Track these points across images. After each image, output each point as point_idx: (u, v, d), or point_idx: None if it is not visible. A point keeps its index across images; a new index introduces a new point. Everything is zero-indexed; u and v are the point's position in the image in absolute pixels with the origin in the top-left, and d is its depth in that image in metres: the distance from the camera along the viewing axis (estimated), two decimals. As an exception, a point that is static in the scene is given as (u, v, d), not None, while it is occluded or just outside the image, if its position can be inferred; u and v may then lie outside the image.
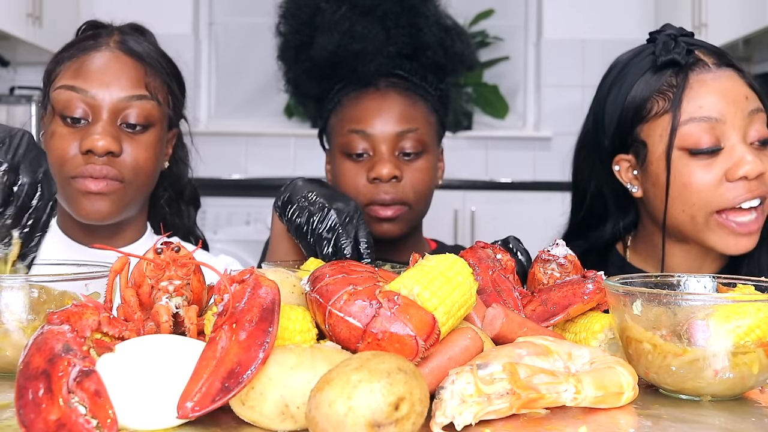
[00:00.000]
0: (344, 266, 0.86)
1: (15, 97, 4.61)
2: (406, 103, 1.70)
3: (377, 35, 1.70)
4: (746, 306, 0.85)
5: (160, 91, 1.51)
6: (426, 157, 1.71)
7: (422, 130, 1.69)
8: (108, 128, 1.42)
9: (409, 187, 1.67)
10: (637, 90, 1.38)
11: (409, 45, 1.73)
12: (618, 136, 1.42)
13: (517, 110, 5.16)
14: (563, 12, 4.96)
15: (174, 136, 1.61)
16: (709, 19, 4.18)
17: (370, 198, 1.66)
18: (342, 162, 1.71)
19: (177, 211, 1.69)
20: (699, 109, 1.33)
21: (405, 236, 1.73)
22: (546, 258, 1.10)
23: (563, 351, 0.84)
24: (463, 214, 4.36)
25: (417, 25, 1.73)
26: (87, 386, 0.70)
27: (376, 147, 1.67)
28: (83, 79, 1.44)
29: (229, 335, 0.74)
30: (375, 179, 1.65)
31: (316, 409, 0.67)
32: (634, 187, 1.44)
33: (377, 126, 1.67)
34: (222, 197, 4.23)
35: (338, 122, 1.73)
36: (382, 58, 1.71)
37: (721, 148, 1.32)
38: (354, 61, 1.71)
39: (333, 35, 1.69)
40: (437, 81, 1.78)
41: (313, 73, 1.77)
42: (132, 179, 1.45)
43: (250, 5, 5.27)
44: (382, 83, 1.72)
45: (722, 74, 1.36)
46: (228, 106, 5.32)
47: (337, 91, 1.75)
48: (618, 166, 1.45)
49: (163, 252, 0.85)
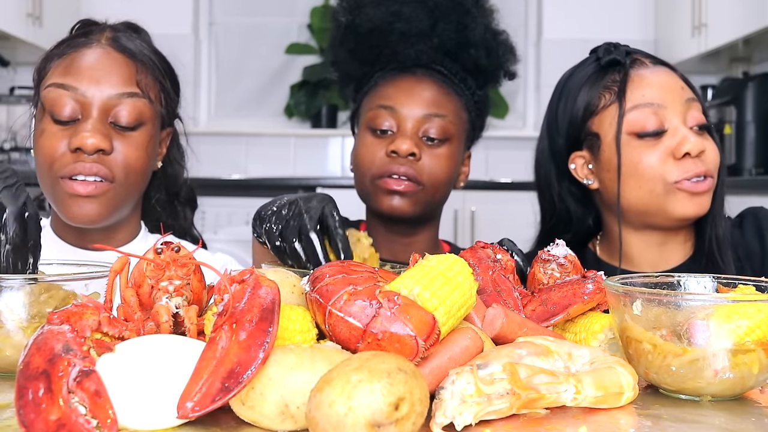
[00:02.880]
0: (344, 266, 0.86)
1: (15, 97, 4.62)
2: (440, 91, 1.69)
3: (423, 21, 1.71)
4: (746, 306, 0.85)
5: (152, 89, 1.48)
6: (449, 146, 1.68)
7: (450, 119, 1.68)
8: (98, 126, 1.39)
9: (425, 169, 1.65)
10: (585, 91, 1.50)
11: (454, 40, 1.72)
12: (571, 134, 1.52)
13: (517, 110, 5.17)
14: (563, 12, 4.96)
15: (168, 136, 1.58)
16: (709, 19, 4.18)
17: (384, 170, 1.64)
18: (365, 136, 1.70)
19: (172, 212, 1.66)
20: (642, 97, 1.44)
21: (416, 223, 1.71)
22: (546, 258, 1.10)
23: (563, 351, 0.84)
24: (463, 214, 4.36)
25: (464, 23, 1.73)
26: (87, 386, 0.70)
27: (401, 124, 1.66)
28: (73, 77, 1.42)
29: (229, 335, 0.74)
30: (393, 152, 1.63)
31: (316, 409, 0.67)
32: (591, 180, 1.52)
33: (405, 104, 1.67)
34: (222, 197, 4.23)
35: (369, 99, 1.73)
36: (425, 46, 1.71)
37: (665, 131, 1.43)
38: (396, 42, 1.71)
39: (380, 9, 1.71)
40: (477, 86, 1.78)
41: (356, 53, 1.77)
42: (122, 178, 1.42)
43: (250, 5, 5.27)
44: (419, 71, 1.71)
45: (658, 69, 1.49)
46: (228, 106, 5.32)
47: (376, 75, 1.75)
48: (574, 164, 1.54)
49: (163, 252, 0.85)
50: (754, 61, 4.60)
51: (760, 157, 4.16)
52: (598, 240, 1.61)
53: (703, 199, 1.43)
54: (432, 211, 1.74)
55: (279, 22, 5.25)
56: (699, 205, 1.43)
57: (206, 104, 5.28)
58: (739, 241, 1.53)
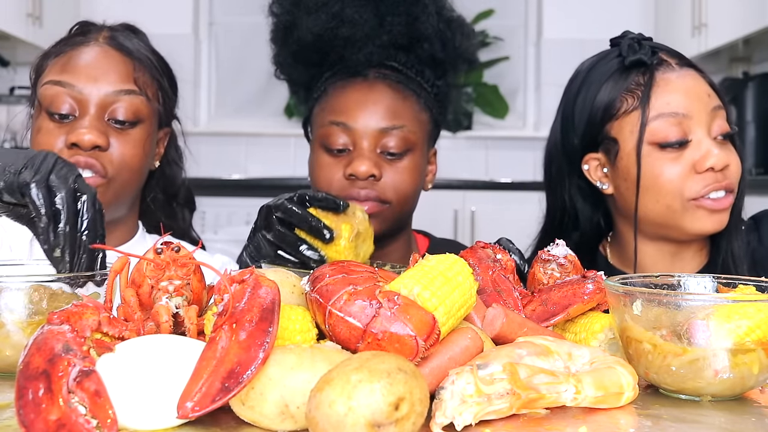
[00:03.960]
0: (344, 266, 0.86)
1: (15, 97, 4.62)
2: (395, 97, 1.58)
3: (369, 21, 1.58)
4: (746, 306, 0.85)
5: (150, 87, 1.48)
6: (411, 157, 1.58)
7: (409, 128, 1.57)
8: (95, 123, 1.40)
9: (389, 187, 1.55)
10: (606, 90, 1.43)
11: (405, 35, 1.61)
12: (588, 135, 1.46)
13: (517, 110, 5.16)
14: (563, 12, 4.96)
15: (165, 136, 1.58)
16: (709, 19, 4.18)
17: (344, 194, 1.53)
18: (320, 155, 1.59)
19: (170, 213, 1.66)
20: (667, 105, 1.38)
21: (388, 236, 1.63)
22: (546, 258, 1.10)
23: (563, 351, 0.84)
24: (463, 214, 4.36)
25: (414, 15, 1.60)
26: (87, 386, 0.70)
27: (357, 142, 1.55)
28: (70, 74, 1.42)
29: (229, 335, 0.74)
30: (351, 176, 1.53)
31: (316, 409, 0.67)
32: (605, 185, 1.47)
33: (360, 120, 1.55)
34: (222, 197, 4.23)
35: (320, 112, 1.62)
36: (373, 47, 1.59)
37: (688, 141, 1.38)
38: (342, 47, 1.59)
39: (320, 17, 1.58)
40: (435, 77, 1.67)
41: (300, 57, 1.65)
42: (116, 175, 1.42)
43: (250, 5, 5.24)
44: (371, 74, 1.60)
45: (685, 73, 1.42)
46: (228, 106, 5.32)
47: (325, 80, 1.63)
48: (587, 165, 1.49)
49: (163, 252, 0.85)
50: (754, 61, 4.60)
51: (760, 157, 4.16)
52: (608, 243, 1.57)
53: (722, 216, 1.39)
54: (403, 222, 1.66)
55: (279, 22, 5.25)
56: (718, 222, 1.39)
57: (206, 104, 5.28)
58: (756, 246, 1.50)
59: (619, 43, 1.47)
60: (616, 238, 1.54)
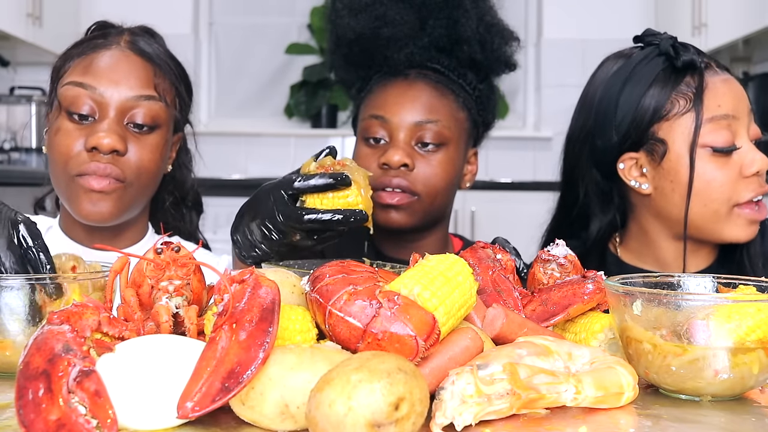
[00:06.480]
0: (344, 266, 0.86)
1: (15, 97, 4.62)
2: (432, 95, 1.65)
3: (410, 23, 1.66)
4: (747, 306, 0.85)
5: (169, 93, 1.49)
6: (445, 151, 1.64)
7: (444, 124, 1.63)
8: (114, 127, 1.41)
9: (420, 178, 1.61)
10: (654, 91, 1.41)
11: (445, 37, 1.68)
12: (631, 135, 1.44)
13: (517, 110, 5.16)
14: (563, 12, 4.96)
15: (179, 141, 1.59)
16: (709, 19, 4.18)
17: (377, 182, 1.58)
18: (360, 147, 1.67)
19: (179, 215, 1.68)
20: (718, 108, 1.38)
21: (420, 230, 1.67)
22: (546, 258, 1.10)
23: (563, 351, 0.84)
24: (463, 214, 4.36)
25: (455, 18, 1.68)
26: (87, 386, 0.70)
27: (393, 134, 1.62)
28: (92, 76, 1.43)
29: (229, 335, 0.74)
30: (384, 165, 1.60)
31: (316, 409, 0.67)
32: (644, 185, 1.45)
33: (397, 113, 1.63)
34: (222, 197, 4.22)
35: (364, 108, 1.70)
36: (414, 48, 1.67)
37: (738, 147, 1.39)
38: (384, 47, 1.67)
39: (363, 17, 1.66)
40: (477, 80, 1.72)
41: (350, 59, 1.74)
42: (134, 180, 1.44)
43: (250, 5, 5.27)
44: (413, 74, 1.67)
45: (726, 76, 1.43)
46: (228, 106, 5.32)
47: (371, 80, 1.72)
48: (623, 164, 1.46)
49: (163, 252, 0.85)
50: (754, 61, 4.60)
51: (760, 158, 4.15)
52: (618, 240, 1.56)
53: (757, 227, 1.40)
54: (434, 217, 1.70)
55: (279, 22, 5.25)
56: (752, 232, 1.40)
57: (206, 104, 5.28)
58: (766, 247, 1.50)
59: (651, 42, 1.46)
60: (633, 235, 1.53)
